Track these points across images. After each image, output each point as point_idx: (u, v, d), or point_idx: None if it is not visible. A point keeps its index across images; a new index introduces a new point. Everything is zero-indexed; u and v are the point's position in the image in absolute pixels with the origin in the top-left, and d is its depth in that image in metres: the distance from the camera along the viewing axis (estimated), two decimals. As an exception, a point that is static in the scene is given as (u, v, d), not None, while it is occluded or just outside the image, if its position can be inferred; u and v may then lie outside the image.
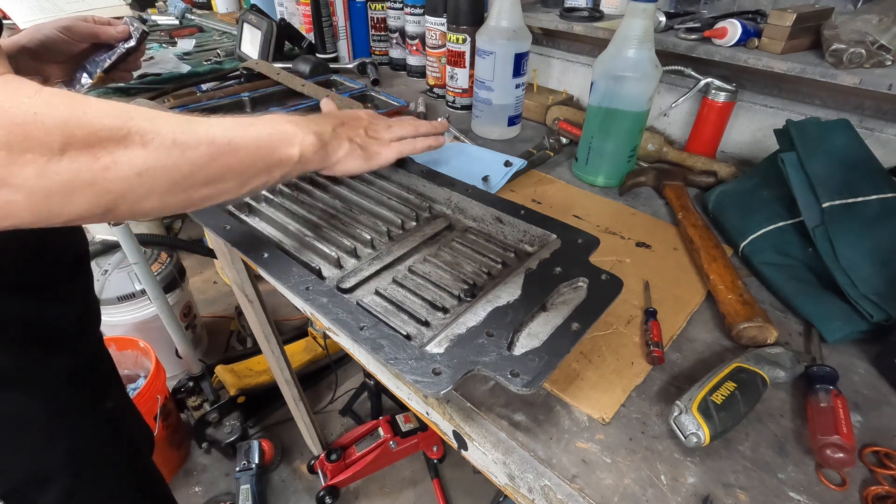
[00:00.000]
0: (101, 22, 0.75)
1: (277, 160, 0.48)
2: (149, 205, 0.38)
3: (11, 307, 0.58)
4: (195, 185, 0.41)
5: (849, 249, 0.55)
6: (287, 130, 0.49)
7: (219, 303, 2.18)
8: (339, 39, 1.30)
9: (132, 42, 0.75)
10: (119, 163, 0.35)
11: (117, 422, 0.76)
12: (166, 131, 0.38)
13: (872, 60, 0.67)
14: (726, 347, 0.52)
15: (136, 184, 0.36)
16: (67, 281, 0.67)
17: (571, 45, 1.10)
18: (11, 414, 0.60)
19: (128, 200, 0.37)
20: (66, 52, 0.73)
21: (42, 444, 0.63)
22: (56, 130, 0.32)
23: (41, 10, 1.60)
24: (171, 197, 0.39)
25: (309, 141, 0.51)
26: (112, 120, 0.35)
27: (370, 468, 1.42)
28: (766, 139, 0.88)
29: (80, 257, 0.72)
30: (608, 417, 0.44)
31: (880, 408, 0.46)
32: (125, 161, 0.35)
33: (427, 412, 0.50)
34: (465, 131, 0.98)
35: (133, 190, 0.36)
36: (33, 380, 0.61)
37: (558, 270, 0.51)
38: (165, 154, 0.37)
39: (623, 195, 0.79)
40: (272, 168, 0.48)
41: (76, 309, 0.70)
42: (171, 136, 0.38)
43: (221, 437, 1.53)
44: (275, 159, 0.47)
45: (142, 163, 0.36)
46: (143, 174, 0.36)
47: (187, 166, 0.39)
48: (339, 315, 0.46)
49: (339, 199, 0.68)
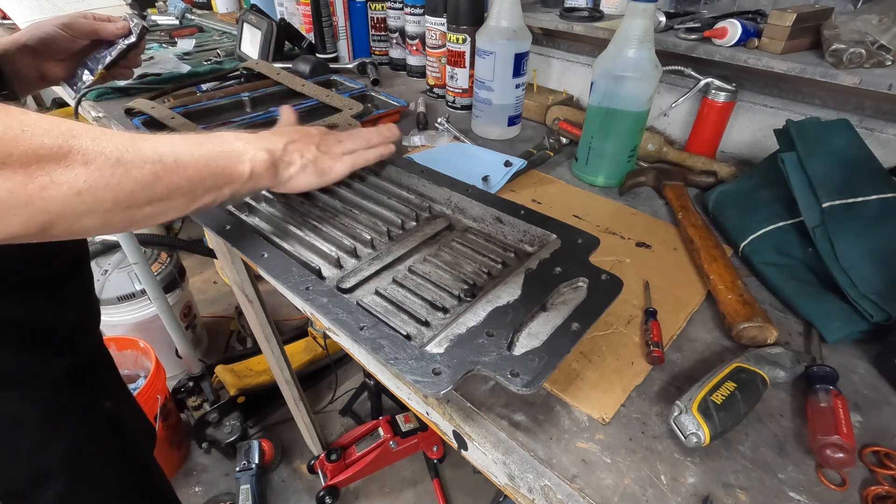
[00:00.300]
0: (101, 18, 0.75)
1: (227, 178, 0.48)
2: (88, 223, 0.37)
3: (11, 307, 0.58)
4: (138, 203, 0.40)
5: (849, 249, 0.55)
6: (237, 148, 0.49)
7: (219, 303, 2.19)
8: (339, 39, 1.30)
9: (132, 38, 0.75)
10: (57, 182, 0.34)
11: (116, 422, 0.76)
12: (110, 150, 0.37)
13: (872, 60, 0.67)
14: (726, 347, 0.52)
15: (76, 203, 0.35)
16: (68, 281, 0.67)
17: (571, 45, 1.10)
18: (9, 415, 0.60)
19: (66, 220, 0.36)
20: (66, 50, 0.73)
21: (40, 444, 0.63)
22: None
23: (41, 9, 1.60)
24: (113, 216, 0.39)
25: (260, 158, 0.51)
26: (52, 139, 0.34)
27: (370, 468, 1.42)
28: (766, 139, 0.88)
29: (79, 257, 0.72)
30: (608, 417, 0.44)
31: (880, 408, 0.46)
32: (64, 180, 0.34)
33: (427, 412, 0.50)
34: (465, 131, 0.98)
35: (72, 209, 0.36)
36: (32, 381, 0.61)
37: (558, 270, 0.51)
38: (109, 173, 0.37)
39: (623, 195, 0.79)
40: (221, 186, 0.48)
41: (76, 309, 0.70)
42: (116, 156, 0.37)
43: (221, 437, 1.53)
44: (224, 177, 0.47)
45: (82, 182, 0.35)
46: (83, 193, 0.35)
47: (130, 185, 0.38)
48: (339, 315, 0.46)
49: (339, 199, 0.67)
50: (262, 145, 0.52)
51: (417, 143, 0.92)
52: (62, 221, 0.36)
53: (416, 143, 0.92)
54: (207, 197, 0.47)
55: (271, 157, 0.52)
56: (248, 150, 0.50)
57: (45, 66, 0.72)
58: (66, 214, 0.35)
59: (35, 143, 0.33)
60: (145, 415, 0.90)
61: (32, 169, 0.33)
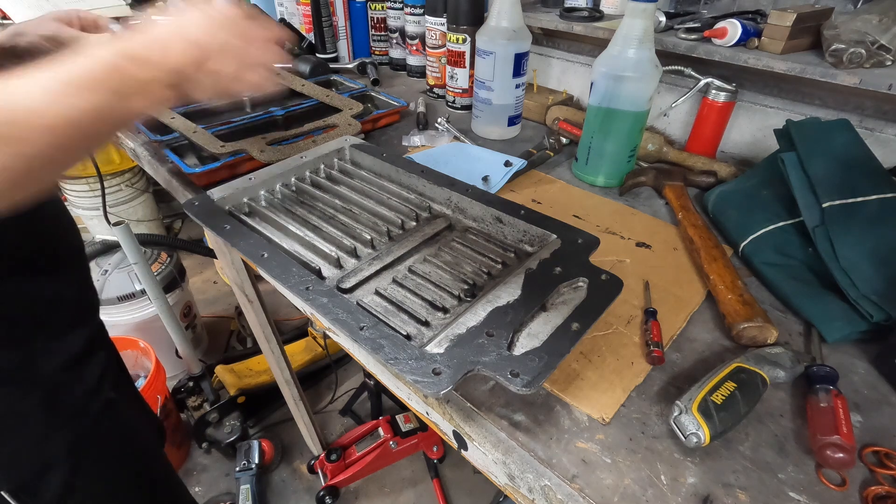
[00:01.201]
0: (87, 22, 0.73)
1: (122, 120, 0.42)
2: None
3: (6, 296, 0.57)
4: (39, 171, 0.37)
5: (849, 249, 0.55)
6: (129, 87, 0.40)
7: (219, 303, 2.18)
8: (339, 39, 1.30)
9: None
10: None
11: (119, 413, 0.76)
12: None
13: (872, 60, 0.67)
14: (726, 347, 0.52)
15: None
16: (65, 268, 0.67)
17: (571, 45, 1.10)
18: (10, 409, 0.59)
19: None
20: None
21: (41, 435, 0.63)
22: None
23: (40, 9, 1.60)
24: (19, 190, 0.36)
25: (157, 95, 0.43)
26: None
27: (370, 468, 1.42)
28: (766, 139, 0.88)
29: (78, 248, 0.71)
30: (608, 417, 0.44)
31: (880, 408, 0.46)
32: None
33: (427, 412, 0.50)
34: (465, 131, 0.98)
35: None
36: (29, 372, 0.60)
37: (558, 270, 0.51)
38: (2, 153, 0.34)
39: (623, 195, 0.79)
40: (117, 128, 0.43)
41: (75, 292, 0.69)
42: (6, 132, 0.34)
43: (221, 437, 1.53)
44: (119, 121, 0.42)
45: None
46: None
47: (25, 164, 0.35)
48: (339, 315, 0.46)
49: (339, 199, 0.68)
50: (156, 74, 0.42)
51: (417, 143, 0.92)
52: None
53: (416, 143, 0.92)
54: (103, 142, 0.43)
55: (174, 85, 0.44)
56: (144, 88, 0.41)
57: None
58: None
59: None
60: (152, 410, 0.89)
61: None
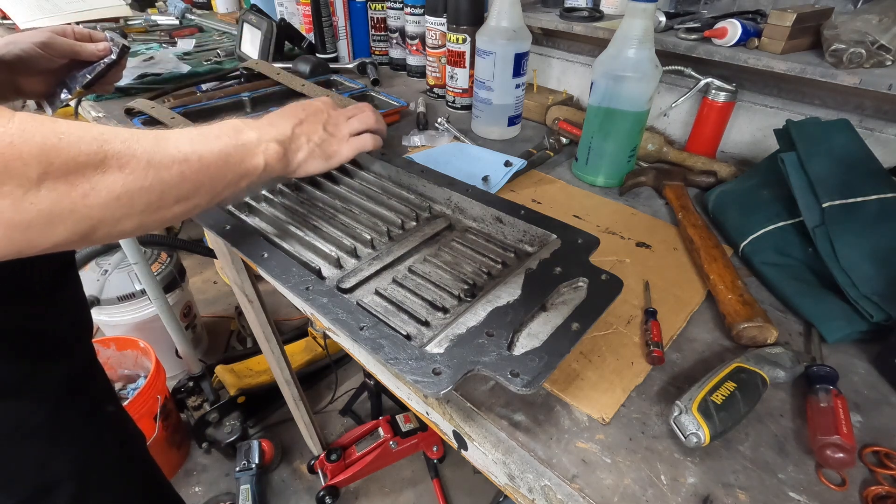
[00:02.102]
0: (82, 36, 0.73)
1: (244, 171, 0.48)
2: (125, 227, 0.38)
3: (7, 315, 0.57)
4: (168, 203, 0.41)
5: (849, 249, 0.55)
6: (250, 139, 0.49)
7: (219, 303, 2.18)
8: (339, 39, 1.30)
9: (113, 57, 0.74)
10: (97, 189, 0.34)
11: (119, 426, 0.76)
12: (140, 153, 0.37)
13: (872, 60, 0.67)
14: (726, 347, 0.52)
15: (115, 208, 0.36)
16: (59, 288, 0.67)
17: (571, 45, 1.10)
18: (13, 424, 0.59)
19: (106, 225, 0.36)
20: (44, 68, 0.71)
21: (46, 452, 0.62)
22: (33, 160, 0.31)
23: (41, 9, 1.60)
24: (147, 217, 0.39)
25: (272, 150, 0.51)
26: (88, 145, 0.34)
27: (370, 468, 1.42)
28: (766, 139, 0.88)
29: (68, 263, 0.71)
30: (608, 417, 0.44)
31: (880, 408, 0.46)
32: (103, 186, 0.35)
33: (427, 412, 0.50)
34: (465, 131, 0.98)
35: (111, 214, 0.36)
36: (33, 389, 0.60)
37: (558, 270, 0.51)
38: (142, 177, 0.37)
39: (623, 195, 0.79)
40: (239, 179, 0.48)
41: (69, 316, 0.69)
42: (146, 158, 0.38)
43: (221, 437, 1.53)
44: (241, 171, 0.48)
45: (120, 187, 0.36)
46: (121, 198, 0.36)
47: (160, 186, 0.39)
48: (339, 315, 0.46)
49: (339, 199, 0.67)
50: (273, 134, 0.52)
51: (417, 143, 0.92)
52: (103, 227, 0.36)
53: (416, 143, 0.92)
54: (227, 191, 0.47)
55: (282, 146, 0.52)
56: (261, 142, 0.50)
57: (20, 80, 0.70)
58: (107, 219, 0.36)
59: (73, 151, 0.33)
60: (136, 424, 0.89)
61: (72, 177, 0.33)
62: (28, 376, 0.60)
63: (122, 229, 0.38)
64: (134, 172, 0.37)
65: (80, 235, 0.35)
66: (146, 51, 1.35)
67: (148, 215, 0.39)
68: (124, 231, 0.38)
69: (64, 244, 0.35)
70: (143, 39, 1.45)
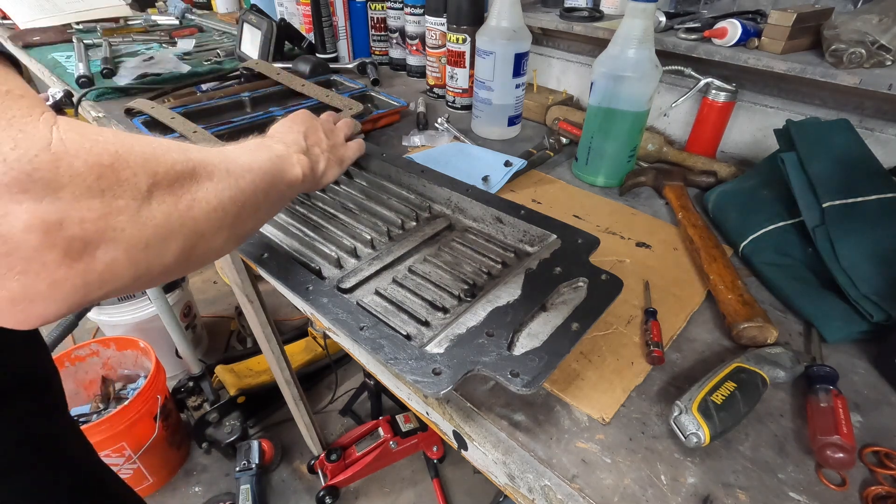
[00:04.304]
0: None
1: (289, 182, 0.47)
2: (219, 241, 0.36)
3: None
4: (249, 214, 0.39)
5: (849, 249, 0.55)
6: (281, 152, 0.48)
7: (219, 303, 2.18)
8: (339, 39, 1.30)
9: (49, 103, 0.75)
10: (198, 199, 0.33)
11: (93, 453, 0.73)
12: (218, 163, 0.36)
13: (872, 60, 0.67)
14: (726, 347, 0.52)
15: (213, 219, 0.34)
16: None
17: (571, 45, 1.10)
18: None
19: (206, 240, 0.34)
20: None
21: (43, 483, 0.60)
22: (141, 170, 0.28)
23: (41, 9, 1.60)
24: (235, 230, 0.37)
25: (304, 161, 0.50)
26: (177, 154, 0.32)
27: (370, 468, 1.42)
28: (766, 139, 0.88)
29: None
30: (608, 417, 0.44)
31: (880, 408, 0.46)
32: (202, 196, 0.33)
33: (427, 412, 0.50)
34: (465, 131, 0.98)
35: (210, 227, 0.34)
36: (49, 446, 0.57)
37: (558, 270, 0.51)
38: (227, 185, 0.36)
39: (623, 195, 0.79)
40: (287, 190, 0.47)
41: None
42: (224, 167, 0.36)
43: (221, 437, 1.53)
44: (288, 181, 0.47)
45: (214, 196, 0.34)
46: (217, 209, 0.34)
47: (242, 196, 0.37)
48: (339, 315, 0.46)
49: (340, 199, 0.68)
50: (294, 147, 0.51)
51: (417, 143, 0.92)
52: (203, 242, 0.34)
53: (416, 143, 0.92)
54: (280, 204, 0.46)
55: (308, 157, 0.51)
56: (290, 154, 0.49)
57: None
58: (207, 233, 0.34)
59: (168, 160, 0.31)
60: None
61: (175, 188, 0.31)
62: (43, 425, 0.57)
63: (216, 245, 0.36)
64: (221, 181, 0.35)
65: (187, 254, 0.32)
66: (146, 51, 1.35)
67: (236, 228, 0.37)
68: (216, 247, 0.36)
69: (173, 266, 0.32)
70: (143, 39, 1.45)
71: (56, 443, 0.64)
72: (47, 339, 1.16)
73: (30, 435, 0.59)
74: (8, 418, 0.56)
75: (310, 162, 0.52)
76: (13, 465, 0.57)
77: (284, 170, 0.47)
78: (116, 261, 0.27)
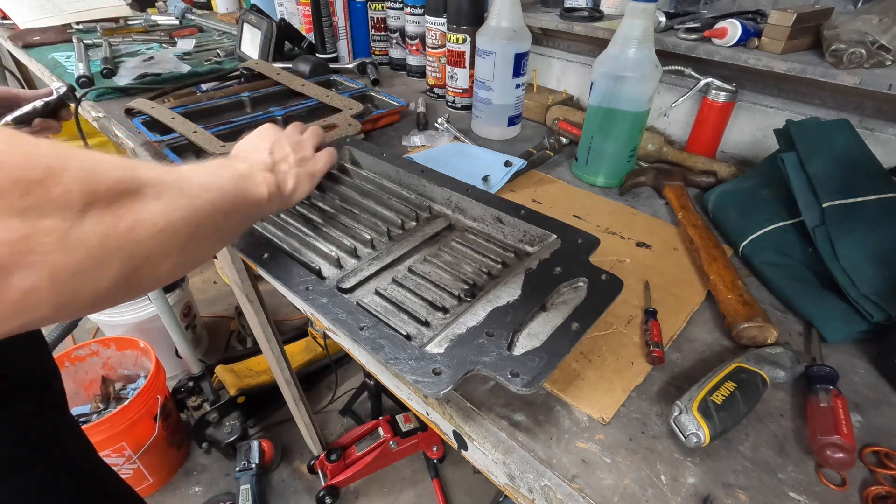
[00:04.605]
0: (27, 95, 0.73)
1: (254, 201, 0.46)
2: (167, 267, 0.34)
3: None
4: (205, 235, 0.37)
5: (849, 249, 0.55)
6: (244, 170, 0.46)
7: (219, 303, 2.18)
8: (339, 39, 1.30)
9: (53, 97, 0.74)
10: (141, 220, 0.30)
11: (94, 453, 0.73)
12: (170, 181, 0.34)
13: (872, 60, 0.67)
14: (726, 347, 0.52)
15: (159, 242, 0.32)
16: None
17: (571, 45, 1.10)
18: None
19: (150, 264, 0.32)
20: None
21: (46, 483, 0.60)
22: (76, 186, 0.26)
23: (41, 9, 1.60)
24: (187, 254, 0.35)
25: (269, 179, 0.48)
26: (122, 171, 0.30)
27: (370, 468, 1.42)
28: (766, 139, 0.88)
29: None
30: (608, 417, 0.44)
31: (880, 408, 0.46)
32: (147, 217, 0.31)
33: (427, 412, 0.50)
34: (465, 131, 0.98)
35: (156, 250, 0.32)
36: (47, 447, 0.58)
37: (558, 270, 0.51)
38: (179, 206, 0.34)
39: (623, 195, 0.79)
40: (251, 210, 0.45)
41: None
42: (177, 186, 0.34)
43: (221, 437, 1.53)
44: (251, 201, 0.45)
45: (161, 217, 0.32)
46: (165, 230, 0.32)
47: (196, 217, 0.35)
48: (339, 315, 0.46)
49: (339, 199, 0.68)
50: (258, 165, 0.49)
51: (417, 143, 0.92)
52: (146, 266, 0.32)
53: (416, 143, 0.92)
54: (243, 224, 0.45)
55: (273, 175, 0.50)
56: (254, 172, 0.47)
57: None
58: (152, 257, 0.32)
59: (110, 176, 0.29)
60: None
61: (115, 207, 0.29)
62: None
63: (163, 271, 0.34)
64: (171, 202, 0.33)
65: (125, 280, 0.30)
66: (146, 51, 1.35)
67: (187, 251, 0.35)
68: (163, 273, 0.34)
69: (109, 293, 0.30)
70: (143, 39, 1.45)
71: (56, 443, 0.64)
72: (48, 338, 1.16)
73: (30, 435, 0.60)
74: (8, 419, 0.56)
75: (276, 180, 0.50)
76: (14, 465, 0.58)
77: (248, 189, 0.45)
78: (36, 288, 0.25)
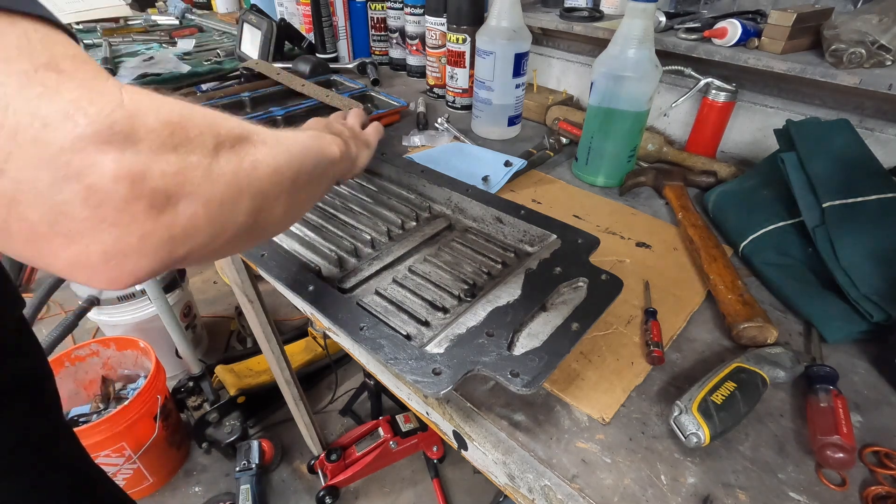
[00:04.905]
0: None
1: (331, 159, 0.47)
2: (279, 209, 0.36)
3: None
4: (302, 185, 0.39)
5: (849, 249, 0.55)
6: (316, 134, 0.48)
7: (219, 303, 2.18)
8: (339, 39, 1.30)
9: None
10: (258, 160, 0.33)
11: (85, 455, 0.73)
12: (266, 132, 0.36)
13: (872, 60, 0.67)
14: (726, 347, 0.52)
15: (276, 181, 0.34)
16: None
17: (571, 45, 1.10)
18: None
19: (268, 202, 0.34)
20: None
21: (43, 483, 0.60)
22: (206, 130, 0.29)
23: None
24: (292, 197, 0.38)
25: (338, 141, 0.50)
26: (233, 121, 0.33)
27: (370, 468, 1.42)
28: (766, 139, 0.88)
29: None
30: (608, 417, 0.44)
31: (880, 408, 0.46)
32: (261, 159, 0.33)
33: (427, 412, 0.50)
34: (465, 131, 0.98)
35: (272, 189, 0.34)
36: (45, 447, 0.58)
37: (558, 270, 0.51)
38: (280, 151, 0.36)
39: (623, 195, 0.79)
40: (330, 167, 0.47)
41: None
42: (273, 137, 0.37)
43: (221, 437, 1.53)
44: (328, 158, 0.47)
45: (272, 159, 0.34)
46: (276, 171, 0.34)
47: (295, 162, 0.38)
48: (339, 315, 0.46)
49: (340, 199, 0.68)
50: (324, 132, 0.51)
51: (417, 143, 0.92)
52: (267, 205, 0.34)
53: (416, 143, 0.92)
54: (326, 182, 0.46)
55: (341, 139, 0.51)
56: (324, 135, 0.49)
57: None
58: (270, 196, 0.34)
59: (227, 125, 0.32)
60: None
61: (238, 149, 0.31)
62: None
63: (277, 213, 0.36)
64: (273, 148, 0.35)
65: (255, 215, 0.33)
66: (146, 51, 1.35)
67: (293, 194, 0.38)
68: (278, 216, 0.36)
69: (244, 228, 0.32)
70: (143, 39, 1.45)
71: (54, 444, 0.64)
72: (47, 338, 1.16)
73: (28, 436, 0.60)
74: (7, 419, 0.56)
75: (342, 143, 0.52)
76: (12, 466, 0.58)
77: (324, 146, 0.47)
78: (196, 215, 0.28)
